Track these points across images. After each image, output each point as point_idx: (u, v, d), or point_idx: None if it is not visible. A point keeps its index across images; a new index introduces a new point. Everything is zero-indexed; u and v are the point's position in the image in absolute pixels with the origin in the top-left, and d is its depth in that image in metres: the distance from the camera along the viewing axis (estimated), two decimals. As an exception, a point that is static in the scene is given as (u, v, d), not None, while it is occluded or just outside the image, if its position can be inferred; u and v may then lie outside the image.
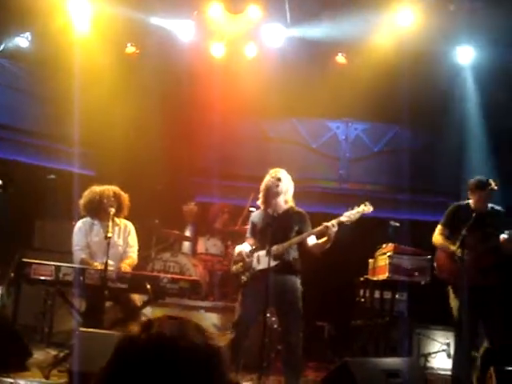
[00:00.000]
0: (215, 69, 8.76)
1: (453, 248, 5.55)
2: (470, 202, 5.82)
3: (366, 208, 5.46)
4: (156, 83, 8.60)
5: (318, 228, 5.39)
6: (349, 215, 5.38)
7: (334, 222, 5.31)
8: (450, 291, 5.70)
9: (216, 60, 8.66)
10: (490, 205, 5.77)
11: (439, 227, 5.93)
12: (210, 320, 6.89)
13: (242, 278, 5.52)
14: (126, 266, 5.94)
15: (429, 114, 8.86)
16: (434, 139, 9.31)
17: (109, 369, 1.15)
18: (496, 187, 5.69)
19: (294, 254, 5.51)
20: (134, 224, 6.25)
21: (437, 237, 5.90)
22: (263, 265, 5.35)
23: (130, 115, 8.53)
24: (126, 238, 6.12)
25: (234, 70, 8.83)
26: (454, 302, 5.64)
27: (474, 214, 5.52)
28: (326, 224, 5.31)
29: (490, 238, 5.56)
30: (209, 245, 8.30)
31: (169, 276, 5.83)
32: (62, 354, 5.58)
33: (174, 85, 8.88)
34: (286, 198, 5.63)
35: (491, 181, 5.72)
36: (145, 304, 5.79)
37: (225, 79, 8.80)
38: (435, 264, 5.90)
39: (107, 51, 8.30)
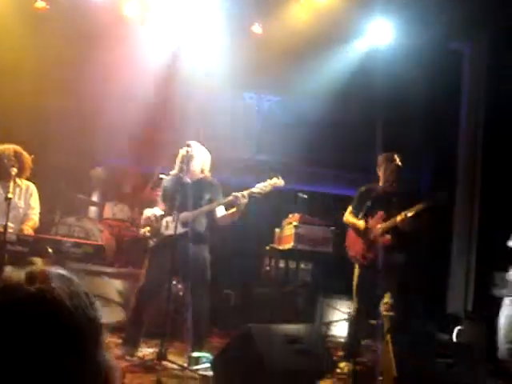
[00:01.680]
0: (130, 30, 8.52)
1: (357, 223, 5.80)
2: (380, 182, 5.96)
3: (278, 181, 5.50)
4: (66, 40, 8.23)
5: (228, 198, 5.39)
6: (260, 187, 5.40)
7: (244, 193, 5.31)
8: (356, 268, 5.90)
9: (130, 21, 8.40)
10: (398, 189, 5.88)
11: (349, 208, 6.07)
12: (114, 286, 6.77)
13: (150, 242, 5.46)
14: (29, 229, 5.72)
15: (341, 88, 8.99)
16: (346, 114, 9.46)
17: None
18: (401, 163, 5.84)
19: (203, 222, 5.50)
20: (37, 186, 6.02)
21: (347, 216, 6.05)
22: (171, 230, 5.31)
23: (38, 72, 8.16)
24: (27, 199, 5.88)
25: (150, 34, 8.61)
26: (356, 278, 5.86)
27: (381, 194, 5.73)
28: (234, 194, 5.31)
29: (390, 219, 5.72)
30: (116, 210, 8.14)
31: (72, 240, 5.68)
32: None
33: (86, 43, 8.53)
34: (202, 168, 5.60)
35: (396, 156, 5.87)
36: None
37: (140, 43, 8.58)
38: (346, 243, 6.03)
39: (15, 4, 7.87)
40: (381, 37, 8.47)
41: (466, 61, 8.89)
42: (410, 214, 5.50)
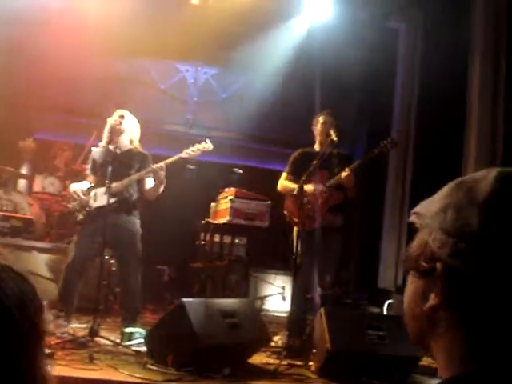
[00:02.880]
0: (61, 1, 8.24)
1: (293, 187, 5.57)
2: (316, 146, 5.91)
3: (207, 145, 5.46)
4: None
5: (147, 170, 5.30)
6: (189, 152, 5.37)
7: (162, 163, 5.23)
8: (295, 233, 5.65)
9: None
10: (336, 150, 5.79)
11: (284, 174, 5.92)
12: (43, 261, 6.59)
13: (78, 216, 5.32)
14: (-48, 202, 5.49)
15: (279, 63, 8.96)
16: (283, 89, 9.45)
17: None
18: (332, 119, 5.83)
19: (133, 193, 5.40)
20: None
21: (281, 182, 5.90)
22: (100, 202, 5.19)
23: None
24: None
25: (84, 4, 8.35)
26: (296, 244, 5.52)
27: (320, 156, 5.59)
28: (152, 166, 5.25)
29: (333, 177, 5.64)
30: (46, 183, 7.89)
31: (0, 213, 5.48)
32: None
33: (13, 11, 8.15)
34: (131, 138, 5.50)
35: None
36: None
37: (72, 13, 8.30)
38: (285, 212, 5.82)
39: None
40: (319, 14, 8.46)
41: (402, 39, 9.02)
42: (358, 164, 5.50)
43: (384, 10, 8.18)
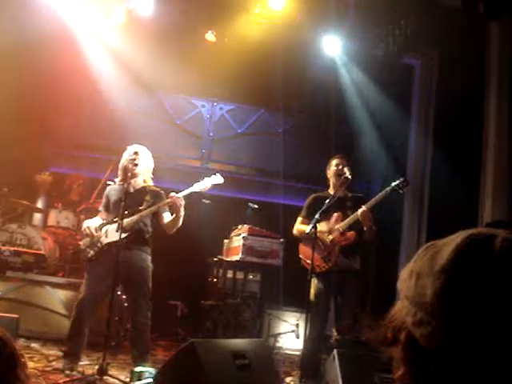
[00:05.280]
0: (77, 34, 8.37)
1: (304, 228, 5.48)
2: (329, 190, 5.84)
3: (217, 178, 5.46)
4: (8, 44, 7.96)
5: (166, 200, 5.29)
6: (199, 186, 5.37)
7: (180, 194, 5.23)
8: (313, 276, 5.50)
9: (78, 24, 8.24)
10: (350, 194, 5.79)
11: (299, 219, 5.84)
12: (56, 296, 6.56)
13: (89, 252, 5.30)
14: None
15: (294, 99, 9.01)
16: (299, 124, 9.49)
17: None
18: (347, 168, 5.76)
19: (145, 228, 5.37)
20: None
21: (296, 226, 5.82)
22: (111, 238, 5.17)
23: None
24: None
25: (99, 37, 8.48)
26: (313, 285, 5.50)
27: (333, 198, 5.53)
28: (170, 195, 5.23)
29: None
30: (61, 217, 7.89)
31: (11, 248, 5.48)
32: None
33: (31, 48, 8.27)
34: (145, 178, 5.50)
35: (343, 159, 5.83)
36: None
37: (88, 46, 8.43)
38: (301, 256, 5.74)
39: None
40: (333, 49, 8.51)
41: (417, 75, 9.02)
42: (373, 203, 5.41)
43: (399, 46, 8.19)
